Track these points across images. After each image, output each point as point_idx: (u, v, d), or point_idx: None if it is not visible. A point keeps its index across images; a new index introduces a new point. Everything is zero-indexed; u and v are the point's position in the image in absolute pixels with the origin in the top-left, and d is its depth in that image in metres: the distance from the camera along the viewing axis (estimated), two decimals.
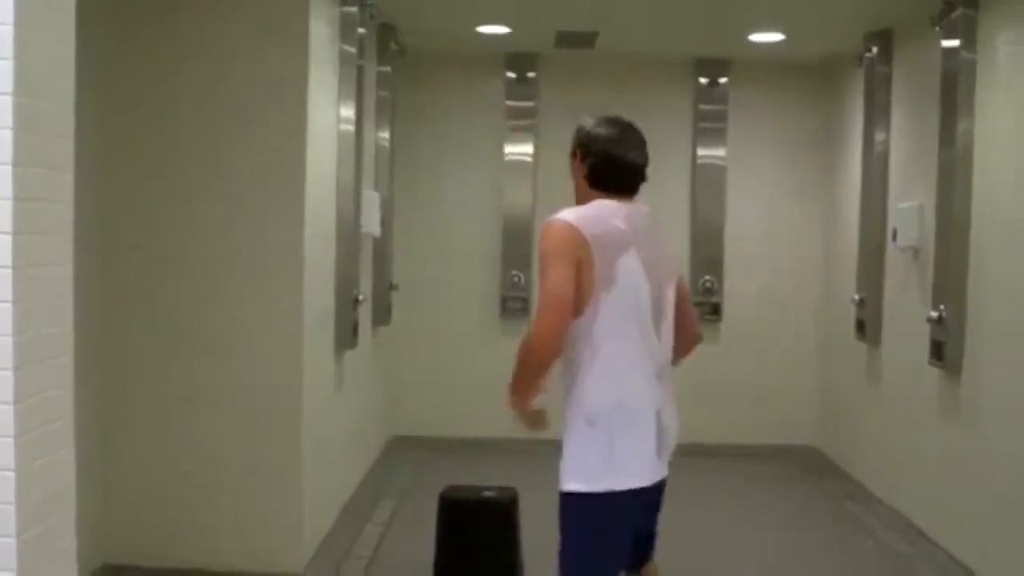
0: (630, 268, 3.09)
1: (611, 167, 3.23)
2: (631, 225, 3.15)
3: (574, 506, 3.14)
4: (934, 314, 5.55)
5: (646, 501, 3.20)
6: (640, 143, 3.32)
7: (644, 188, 3.41)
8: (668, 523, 5.16)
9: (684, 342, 3.37)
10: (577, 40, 7.39)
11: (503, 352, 8.21)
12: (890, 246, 6.53)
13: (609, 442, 3.10)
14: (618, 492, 3.07)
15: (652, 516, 3.35)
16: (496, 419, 8.03)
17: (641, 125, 7.22)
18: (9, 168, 2.54)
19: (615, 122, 3.31)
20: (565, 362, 3.16)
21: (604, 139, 3.26)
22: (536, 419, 3.40)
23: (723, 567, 5.52)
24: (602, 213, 3.15)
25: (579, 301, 3.02)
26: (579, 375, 3.16)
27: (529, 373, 3.21)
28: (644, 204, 3.35)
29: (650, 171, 3.36)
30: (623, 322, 3.09)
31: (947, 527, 5.60)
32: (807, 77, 8.14)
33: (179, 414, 4.88)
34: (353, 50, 5.73)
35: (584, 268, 3.01)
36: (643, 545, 3.38)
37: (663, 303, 3.20)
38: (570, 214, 3.11)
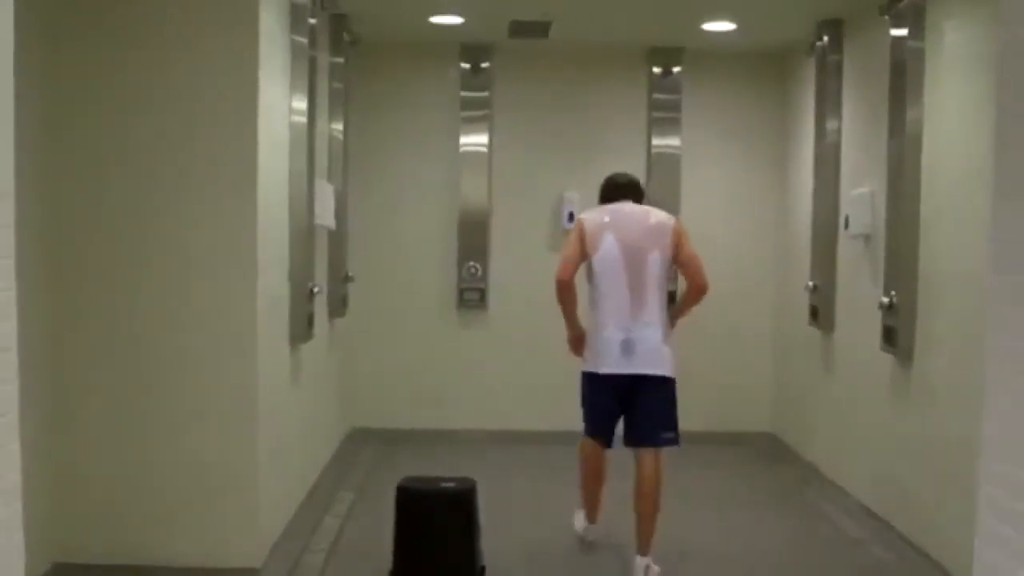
0: (608, 241, 5.13)
1: (603, 192, 5.49)
2: (614, 217, 5.23)
3: (583, 378, 5.31)
4: (886, 300, 5.63)
5: (619, 384, 5.11)
6: (622, 175, 5.53)
7: (601, 177, 5.63)
8: (626, 506, 5.19)
9: (688, 292, 5.41)
10: (531, 30, 7.38)
11: (460, 344, 8.35)
12: (842, 233, 6.60)
13: (595, 346, 5.18)
14: (592, 373, 5.19)
15: (636, 401, 5.12)
16: (454, 410, 8.11)
17: (595, 115, 8.10)
18: None
19: (612, 174, 5.55)
20: (589, 299, 5.24)
21: (603, 182, 5.53)
22: (576, 342, 5.34)
23: (678, 548, 5.56)
24: (599, 211, 5.33)
25: (585, 257, 5.16)
26: (591, 304, 5.22)
27: (559, 301, 5.19)
28: (642, 205, 5.42)
29: (602, 160, 6.10)
30: (606, 271, 5.12)
31: (899, 509, 5.68)
32: (760, 66, 8.20)
33: (132, 409, 4.82)
34: (304, 41, 5.68)
35: (585, 241, 5.15)
36: (635, 426, 5.17)
37: (641, 264, 5.11)
38: (585, 213, 5.39)
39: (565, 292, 5.12)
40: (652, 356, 5.08)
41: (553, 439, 7.83)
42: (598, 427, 5.30)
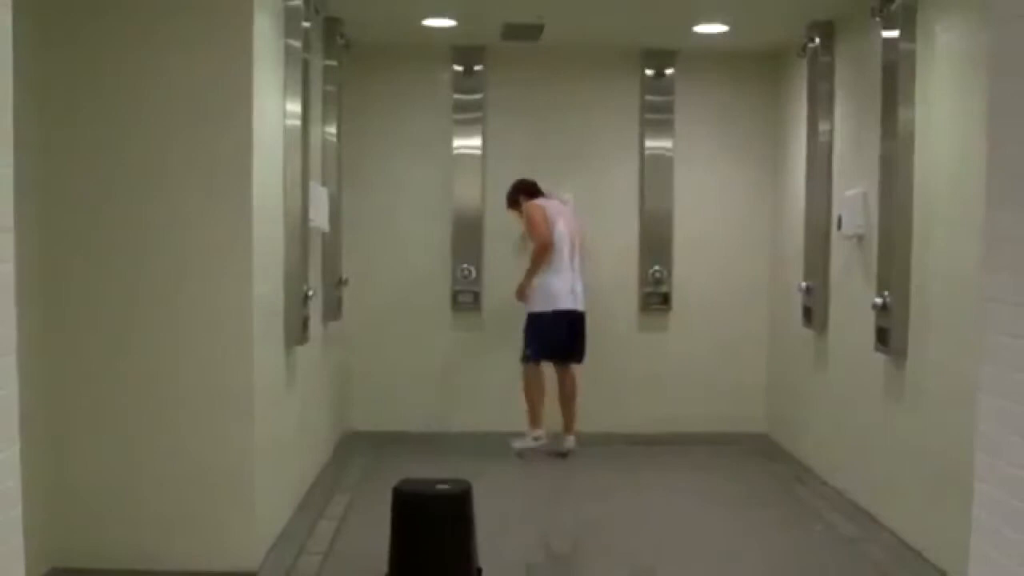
0: (559, 225, 7.54)
1: (528, 188, 7.73)
2: (555, 209, 7.64)
3: (535, 318, 7.52)
4: (879, 300, 5.64)
5: (569, 317, 7.53)
6: (529, 179, 7.81)
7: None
8: (622, 507, 5.19)
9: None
10: (523, 33, 7.39)
11: (455, 346, 8.38)
12: (835, 234, 6.63)
13: (553, 292, 7.50)
14: (552, 311, 7.49)
15: (572, 333, 7.58)
16: (449, 413, 8.13)
17: (588, 117, 8.87)
18: None
19: (522, 179, 7.79)
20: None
21: (520, 182, 7.76)
22: (523, 294, 7.60)
23: (674, 549, 5.57)
24: (544, 204, 7.66)
25: (539, 238, 7.50)
26: (549, 267, 7.51)
27: (538, 266, 7.50)
28: (563, 196, 7.89)
29: (595, 162, 8.41)
30: (559, 245, 7.50)
31: (893, 509, 5.70)
32: (752, 67, 8.22)
33: (128, 413, 4.82)
34: (298, 44, 5.69)
35: (548, 220, 7.52)
36: (574, 349, 7.63)
37: (574, 243, 7.60)
38: (537, 202, 7.66)
39: (551, 252, 7.46)
40: (583, 299, 7.60)
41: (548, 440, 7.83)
42: (552, 352, 7.55)
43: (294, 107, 5.68)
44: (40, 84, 4.60)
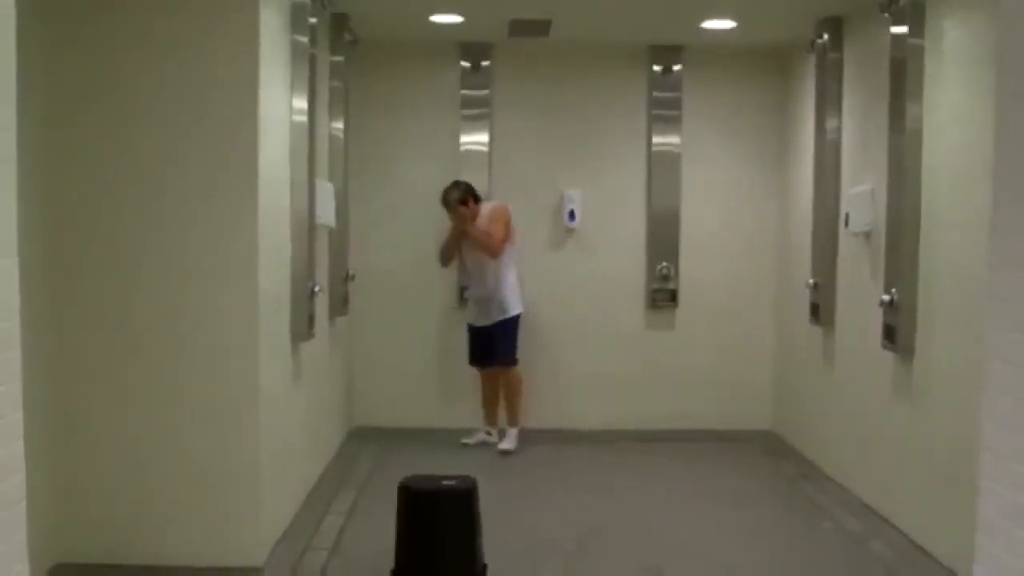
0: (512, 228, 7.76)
1: (476, 195, 7.69)
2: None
3: (517, 318, 7.68)
4: (886, 297, 5.63)
5: None
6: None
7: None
8: (628, 504, 5.15)
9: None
10: (531, 29, 7.38)
11: (461, 342, 8.37)
12: (843, 230, 6.61)
13: (520, 295, 7.74)
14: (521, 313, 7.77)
15: None
16: (455, 409, 8.12)
17: (596, 113, 8.80)
18: None
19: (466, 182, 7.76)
20: (505, 263, 7.69)
21: (465, 184, 7.69)
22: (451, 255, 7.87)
23: (680, 546, 5.57)
24: (506, 208, 7.74)
25: (508, 237, 7.62)
26: (510, 267, 7.70)
27: (483, 248, 7.62)
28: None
29: (603, 158, 8.38)
30: (515, 248, 7.75)
31: (900, 506, 5.69)
32: (760, 63, 8.19)
33: (134, 409, 4.83)
34: (305, 40, 5.69)
35: (509, 228, 7.66)
36: None
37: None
38: (504, 207, 7.77)
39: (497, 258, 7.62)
40: None
41: (554, 437, 7.84)
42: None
43: (300, 103, 5.68)
44: (46, 82, 4.60)
